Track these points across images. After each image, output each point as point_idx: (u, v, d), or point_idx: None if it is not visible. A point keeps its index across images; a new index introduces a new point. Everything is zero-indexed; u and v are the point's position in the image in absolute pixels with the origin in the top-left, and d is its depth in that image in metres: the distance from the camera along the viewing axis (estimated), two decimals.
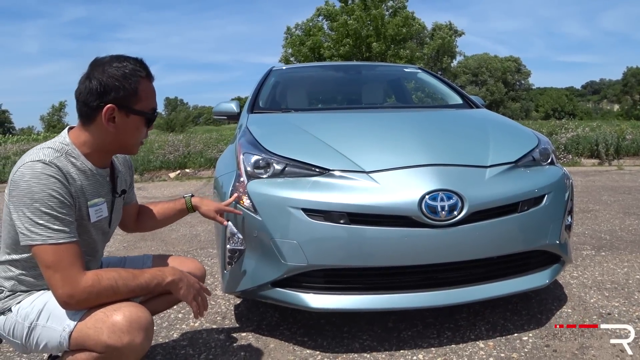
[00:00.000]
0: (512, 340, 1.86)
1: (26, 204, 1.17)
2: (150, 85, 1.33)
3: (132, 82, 1.27)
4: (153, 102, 1.35)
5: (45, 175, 1.19)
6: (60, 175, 1.22)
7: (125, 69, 1.27)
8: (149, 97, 1.33)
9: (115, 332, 1.17)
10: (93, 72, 1.26)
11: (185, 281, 1.35)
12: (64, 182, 1.23)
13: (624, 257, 2.90)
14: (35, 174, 1.19)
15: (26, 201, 1.17)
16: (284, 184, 1.81)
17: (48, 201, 1.18)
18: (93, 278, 1.19)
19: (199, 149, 9.72)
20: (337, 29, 23.01)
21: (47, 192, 1.18)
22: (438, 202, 1.67)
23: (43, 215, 1.17)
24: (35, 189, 1.18)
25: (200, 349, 1.88)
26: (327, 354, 1.80)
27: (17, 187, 1.18)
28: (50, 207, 1.18)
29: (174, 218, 1.74)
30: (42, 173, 1.19)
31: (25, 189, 1.17)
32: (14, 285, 1.30)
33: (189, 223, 4.38)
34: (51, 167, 1.21)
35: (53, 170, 1.21)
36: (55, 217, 1.19)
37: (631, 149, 8.87)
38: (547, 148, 2.11)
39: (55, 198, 1.19)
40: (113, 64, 1.27)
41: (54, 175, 1.20)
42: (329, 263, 1.71)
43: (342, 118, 2.55)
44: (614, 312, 2.10)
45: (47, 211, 1.17)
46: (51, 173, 1.20)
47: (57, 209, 1.19)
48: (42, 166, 1.20)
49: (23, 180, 1.18)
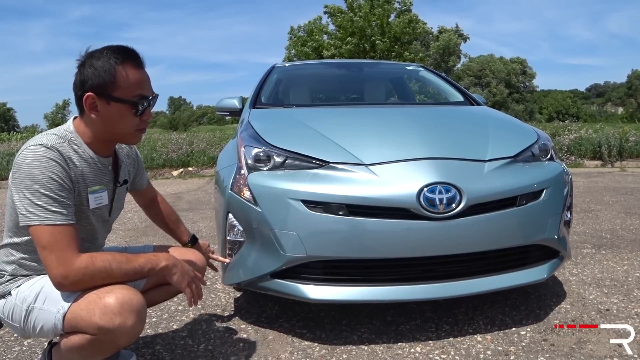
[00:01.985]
0: (510, 334, 1.87)
1: (26, 185, 1.20)
2: (133, 72, 1.30)
3: (108, 69, 1.26)
4: (138, 89, 1.31)
5: (46, 158, 1.22)
6: (61, 159, 1.25)
7: (102, 56, 1.27)
8: (131, 84, 1.29)
9: (107, 313, 1.19)
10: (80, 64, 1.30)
11: (180, 267, 1.36)
12: (64, 166, 1.25)
13: (624, 256, 2.90)
14: (36, 157, 1.21)
15: (26, 182, 1.20)
16: (284, 176, 1.82)
17: (47, 183, 1.20)
18: (87, 260, 1.21)
19: (202, 148, 9.77)
20: (342, 25, 22.95)
21: (47, 175, 1.21)
22: (436, 194, 1.68)
23: (42, 197, 1.20)
24: (35, 171, 1.20)
25: (200, 339, 1.90)
26: (325, 345, 1.81)
27: (19, 169, 1.21)
28: (49, 189, 1.20)
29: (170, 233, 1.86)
30: (43, 156, 1.22)
31: (26, 170, 1.20)
32: (15, 269, 1.33)
33: (190, 219, 4.40)
34: (52, 151, 1.24)
35: (54, 154, 1.24)
36: (54, 199, 1.21)
37: (634, 151, 8.85)
38: (547, 144, 2.12)
39: (54, 181, 1.22)
40: (94, 54, 1.29)
41: (54, 158, 1.23)
42: (328, 254, 1.72)
43: (343, 113, 2.57)
44: (612, 308, 2.10)
45: (45, 193, 1.20)
46: (52, 156, 1.23)
47: (56, 191, 1.22)
48: (43, 150, 1.23)
49: (25, 163, 1.21)
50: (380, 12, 22.64)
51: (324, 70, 4.00)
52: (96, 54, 1.29)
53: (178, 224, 1.84)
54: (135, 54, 1.32)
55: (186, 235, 1.83)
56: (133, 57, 1.31)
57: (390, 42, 22.76)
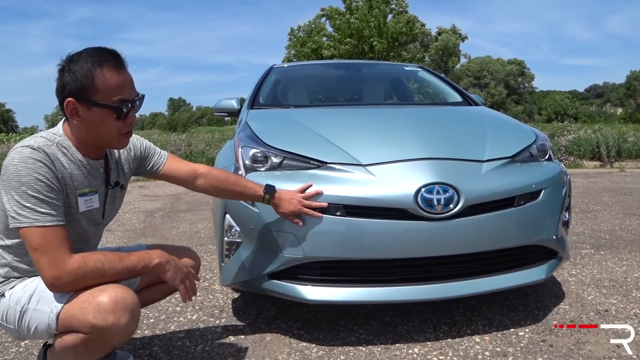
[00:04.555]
0: (509, 335, 1.86)
1: (14, 187, 1.19)
2: (112, 75, 1.25)
3: (86, 73, 1.23)
4: (118, 93, 1.26)
5: (32, 159, 1.22)
6: (47, 160, 1.24)
7: (80, 60, 1.24)
8: (111, 88, 1.25)
9: (101, 312, 1.18)
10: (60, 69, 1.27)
11: (173, 264, 1.36)
12: (51, 167, 1.25)
13: (623, 256, 2.90)
14: (22, 158, 1.21)
15: (14, 184, 1.19)
16: (281, 176, 1.82)
17: (35, 184, 1.20)
18: (79, 260, 1.21)
19: (201, 149, 9.77)
20: (340, 27, 23.02)
21: (34, 176, 1.20)
22: (434, 195, 1.67)
23: (30, 199, 1.19)
24: (22, 173, 1.20)
25: (197, 340, 1.89)
26: (323, 346, 1.80)
27: (7, 171, 1.21)
28: (37, 190, 1.20)
29: (241, 197, 1.71)
30: (30, 157, 1.22)
31: (13, 172, 1.20)
32: (8, 272, 1.32)
33: (189, 220, 4.40)
34: (39, 152, 1.23)
35: (40, 155, 1.23)
36: (42, 200, 1.20)
37: (633, 151, 8.87)
38: (545, 144, 2.11)
39: (41, 182, 1.21)
40: (73, 58, 1.26)
41: (40, 160, 1.23)
42: (325, 255, 1.72)
43: (341, 113, 2.56)
44: (611, 309, 2.09)
45: (33, 194, 1.20)
46: (38, 158, 1.23)
47: (44, 193, 1.21)
48: (30, 151, 1.23)
49: (12, 164, 1.21)
50: (378, 13, 22.67)
51: (322, 71, 4.00)
52: (74, 58, 1.25)
53: (241, 183, 1.67)
54: (114, 55, 1.28)
55: (260, 188, 1.66)
56: (112, 59, 1.26)
57: (388, 44, 22.79)
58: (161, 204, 5.43)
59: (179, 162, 1.65)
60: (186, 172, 1.64)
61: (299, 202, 1.66)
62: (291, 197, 1.67)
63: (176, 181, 1.65)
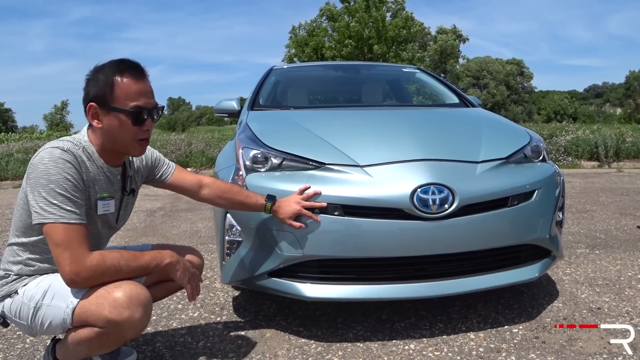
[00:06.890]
0: (503, 332, 1.91)
1: (42, 185, 1.26)
2: (131, 83, 1.34)
3: (107, 80, 1.33)
4: (135, 99, 1.34)
5: (62, 159, 1.29)
6: (75, 162, 1.32)
7: (104, 69, 1.35)
8: (128, 94, 1.34)
9: (116, 307, 1.25)
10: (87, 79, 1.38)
11: (182, 264, 1.43)
12: (79, 168, 1.32)
13: (618, 256, 2.95)
14: (53, 158, 1.28)
15: (42, 182, 1.26)
16: (281, 177, 1.86)
17: (63, 183, 1.27)
18: (98, 258, 1.28)
19: (201, 148, 9.80)
20: (339, 30, 23.12)
21: (63, 175, 1.27)
22: (429, 195, 1.72)
23: (57, 196, 1.26)
24: (52, 171, 1.27)
25: (199, 337, 1.94)
26: (321, 343, 1.85)
27: (36, 169, 1.28)
28: (64, 189, 1.27)
29: (244, 207, 1.75)
30: (60, 157, 1.29)
31: (42, 170, 1.27)
32: (21, 269, 1.38)
33: (189, 220, 4.44)
34: (68, 153, 1.31)
35: (70, 156, 1.31)
36: (69, 198, 1.27)
37: (631, 152, 8.91)
38: (539, 145, 2.16)
39: (69, 181, 1.28)
40: (98, 68, 1.36)
41: (70, 160, 1.30)
42: (324, 254, 1.76)
43: (340, 115, 2.61)
44: (603, 307, 2.14)
45: (61, 192, 1.26)
46: (68, 158, 1.30)
47: (71, 192, 1.28)
48: (60, 152, 1.30)
49: (42, 163, 1.28)
50: (376, 13, 22.74)
51: (322, 72, 4.04)
52: (99, 68, 1.36)
53: (244, 193, 1.74)
54: (134, 65, 1.37)
55: (261, 198, 1.73)
56: (132, 69, 1.36)
57: (387, 46, 22.88)
58: (162, 204, 5.47)
59: (186, 173, 1.74)
60: (192, 182, 1.72)
61: (298, 202, 1.71)
62: (290, 200, 1.72)
63: (182, 191, 1.73)
